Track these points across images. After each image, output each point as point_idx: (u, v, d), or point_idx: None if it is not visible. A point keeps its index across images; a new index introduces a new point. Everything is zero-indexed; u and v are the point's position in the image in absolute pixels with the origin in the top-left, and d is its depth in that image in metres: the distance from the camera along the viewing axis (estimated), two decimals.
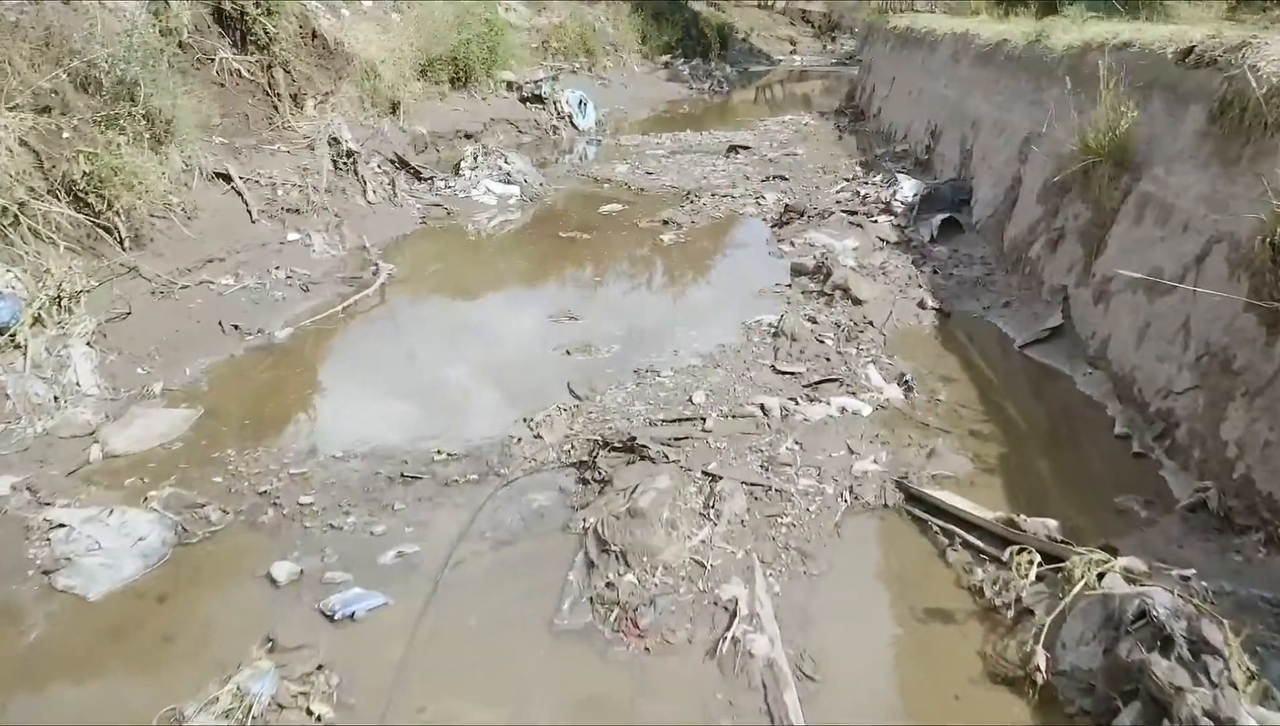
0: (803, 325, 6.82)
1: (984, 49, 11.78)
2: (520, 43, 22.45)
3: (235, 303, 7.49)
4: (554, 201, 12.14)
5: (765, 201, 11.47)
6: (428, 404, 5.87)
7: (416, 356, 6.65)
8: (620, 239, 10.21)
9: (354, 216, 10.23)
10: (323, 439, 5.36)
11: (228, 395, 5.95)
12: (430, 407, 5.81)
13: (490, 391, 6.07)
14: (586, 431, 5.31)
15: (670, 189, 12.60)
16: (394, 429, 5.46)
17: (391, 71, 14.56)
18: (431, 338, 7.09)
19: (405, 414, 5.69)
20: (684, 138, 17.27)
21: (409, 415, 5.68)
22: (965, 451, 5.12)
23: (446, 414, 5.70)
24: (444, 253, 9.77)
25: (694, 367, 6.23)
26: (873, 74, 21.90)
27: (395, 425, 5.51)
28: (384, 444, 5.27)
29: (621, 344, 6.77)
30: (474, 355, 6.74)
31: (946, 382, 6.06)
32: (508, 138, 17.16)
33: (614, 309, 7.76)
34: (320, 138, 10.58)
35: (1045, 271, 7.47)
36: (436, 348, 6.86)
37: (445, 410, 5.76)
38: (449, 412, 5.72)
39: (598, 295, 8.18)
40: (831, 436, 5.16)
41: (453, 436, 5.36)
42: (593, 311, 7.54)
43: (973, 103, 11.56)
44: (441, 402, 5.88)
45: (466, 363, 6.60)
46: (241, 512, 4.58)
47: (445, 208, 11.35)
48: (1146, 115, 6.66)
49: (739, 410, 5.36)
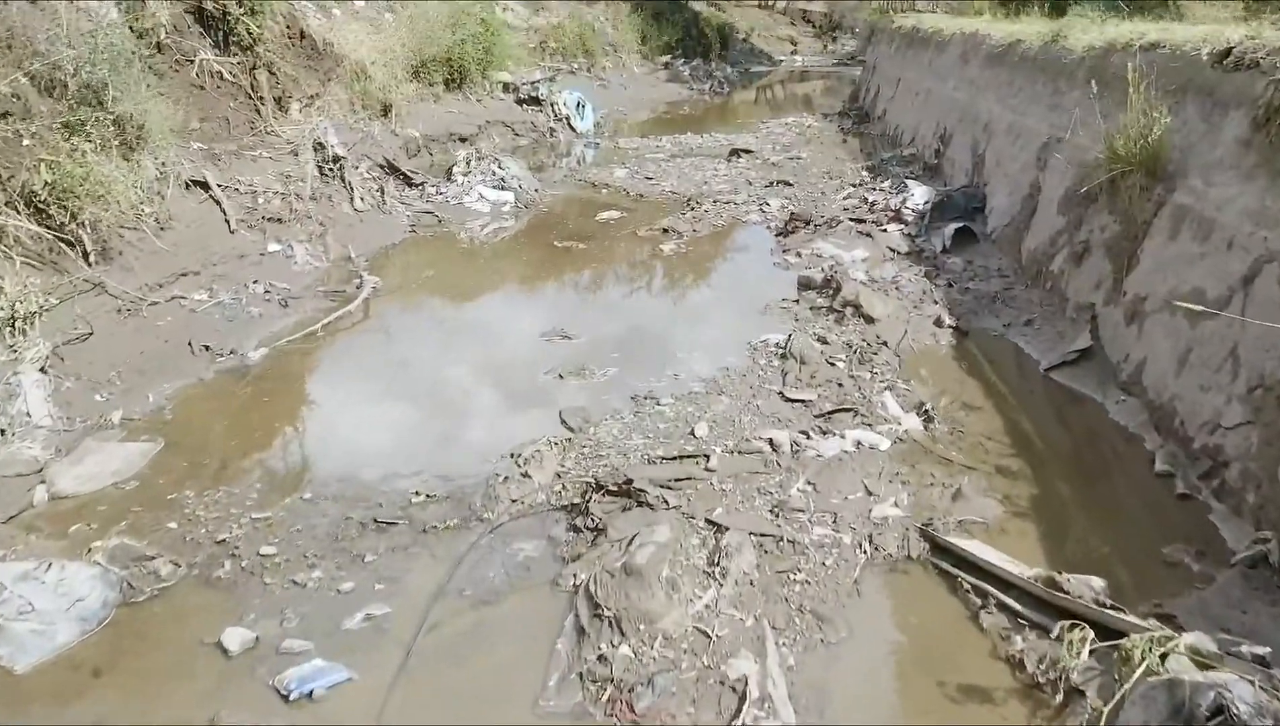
0: (812, 346, 6.37)
1: (996, 50, 11.33)
2: (518, 43, 22.00)
3: (208, 320, 7.05)
4: (550, 208, 11.69)
5: (769, 208, 11.02)
6: (408, 435, 5.42)
7: (398, 380, 6.20)
8: (618, 249, 9.76)
9: (340, 225, 9.79)
10: (291, 477, 4.91)
11: (192, 425, 5.50)
12: (410, 440, 5.36)
13: (476, 421, 5.63)
14: (579, 469, 4.86)
15: (670, 195, 12.15)
16: (369, 465, 5.01)
17: (383, 73, 14.11)
18: (415, 359, 6.64)
19: (383, 447, 5.24)
20: (684, 140, 16.82)
21: (387, 449, 5.23)
22: (993, 492, 4.67)
23: (427, 448, 5.25)
24: (433, 263, 9.32)
25: (696, 394, 5.78)
26: (877, 75, 21.45)
27: (371, 461, 5.06)
28: (357, 483, 4.83)
29: (618, 366, 6.33)
30: (460, 379, 6.30)
31: (968, 411, 5.61)
32: (504, 141, 16.72)
33: (611, 327, 7.31)
34: (305, 142, 10.13)
35: (1069, 287, 7.02)
36: (420, 370, 6.41)
37: (426, 443, 5.31)
38: (430, 446, 5.27)
39: (593, 311, 7.73)
40: (847, 475, 4.71)
41: (433, 474, 4.91)
42: (588, 329, 7.09)
43: (985, 105, 11.11)
44: (422, 434, 5.43)
45: (452, 387, 6.15)
46: (195, 565, 4.13)
47: (436, 215, 10.90)
48: (1179, 121, 6.22)
49: (745, 445, 4.91)
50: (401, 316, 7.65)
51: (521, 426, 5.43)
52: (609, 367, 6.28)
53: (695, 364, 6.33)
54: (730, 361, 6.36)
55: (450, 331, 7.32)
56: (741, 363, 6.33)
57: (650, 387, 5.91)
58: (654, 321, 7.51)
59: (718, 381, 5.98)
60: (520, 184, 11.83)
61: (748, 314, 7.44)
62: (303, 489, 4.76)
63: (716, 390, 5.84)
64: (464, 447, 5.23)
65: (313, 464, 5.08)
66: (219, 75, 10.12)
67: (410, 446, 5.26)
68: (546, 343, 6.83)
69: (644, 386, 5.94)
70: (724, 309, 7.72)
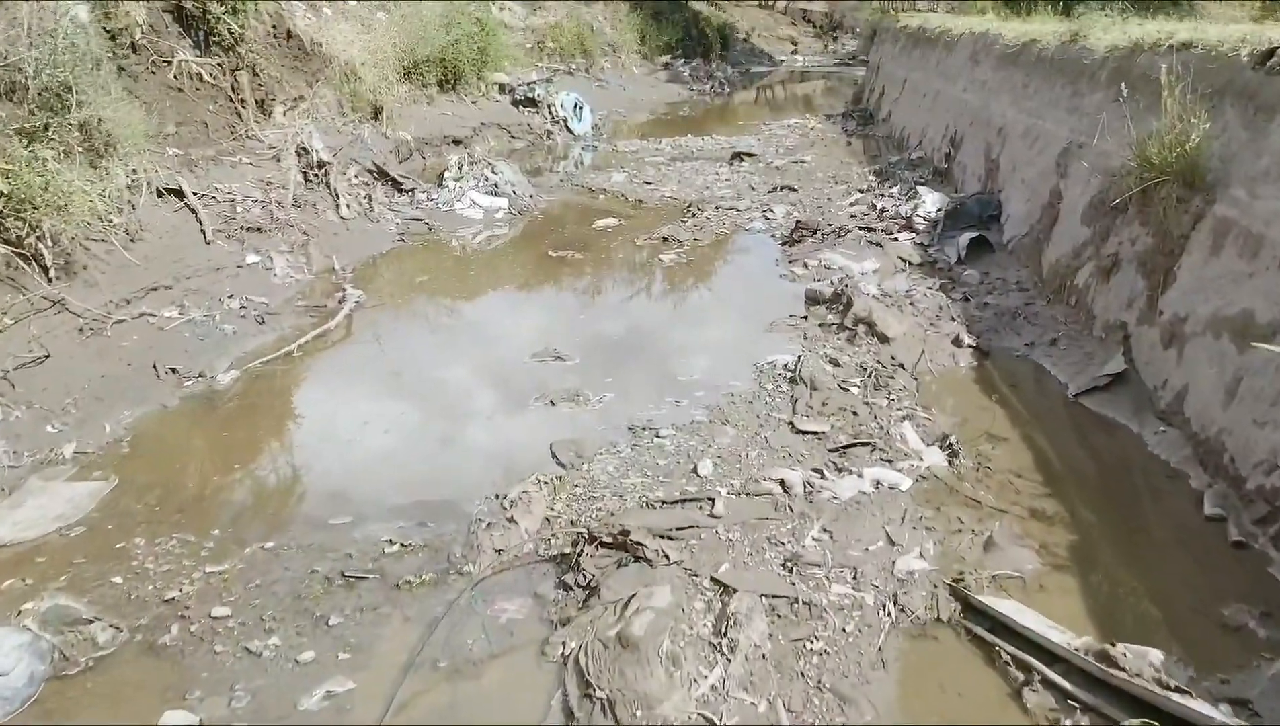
0: (823, 369, 5.93)
1: (1009, 50, 10.88)
2: (515, 43, 21.57)
3: (177, 339, 6.60)
4: (545, 214, 11.24)
5: (774, 215, 10.57)
6: (384, 473, 4.96)
7: (377, 408, 5.74)
8: (616, 259, 9.32)
9: (324, 234, 9.34)
10: (254, 522, 4.46)
11: (151, 460, 5.05)
12: (387, 477, 4.91)
13: (459, 455, 5.18)
14: (570, 512, 4.41)
15: (670, 200, 11.71)
16: (340, 506, 4.57)
17: (373, 74, 13.67)
18: (397, 383, 6.19)
19: (356, 486, 4.79)
20: (684, 143, 16.37)
21: (360, 488, 4.78)
22: (1028, 539, 4.22)
23: (405, 487, 4.79)
24: (421, 275, 8.87)
25: (698, 424, 5.33)
26: (881, 75, 21.00)
27: (342, 502, 4.62)
28: (326, 528, 4.38)
29: (614, 391, 5.88)
30: (444, 406, 5.85)
31: (994, 443, 5.16)
32: (499, 143, 16.27)
33: (607, 346, 6.86)
34: (288, 147, 9.68)
35: (1097, 304, 6.57)
36: (402, 396, 5.95)
37: (404, 481, 4.85)
38: (408, 485, 4.81)
39: (588, 329, 7.27)
40: (867, 521, 4.26)
41: (410, 517, 4.46)
42: (582, 349, 6.64)
43: (998, 108, 10.66)
44: (401, 471, 4.98)
45: (435, 416, 5.70)
46: (139, 630, 3.68)
47: (426, 222, 10.45)
48: (1218, 127, 5.77)
49: (754, 487, 4.46)
50: (384, 335, 7.20)
51: (509, 461, 4.98)
52: (604, 393, 5.83)
53: (697, 388, 5.89)
54: (735, 385, 5.92)
55: (436, 351, 6.87)
56: (747, 387, 5.88)
57: (649, 416, 5.47)
58: (653, 340, 7.06)
59: (722, 409, 5.53)
60: (514, 189, 11.39)
61: (753, 331, 6.99)
62: (266, 535, 4.31)
63: (721, 419, 5.39)
64: (445, 486, 4.77)
65: (278, 506, 4.63)
66: (198, 77, 9.67)
67: (386, 485, 4.81)
68: (538, 364, 6.38)
69: (642, 415, 5.49)
70: (727, 326, 7.27)
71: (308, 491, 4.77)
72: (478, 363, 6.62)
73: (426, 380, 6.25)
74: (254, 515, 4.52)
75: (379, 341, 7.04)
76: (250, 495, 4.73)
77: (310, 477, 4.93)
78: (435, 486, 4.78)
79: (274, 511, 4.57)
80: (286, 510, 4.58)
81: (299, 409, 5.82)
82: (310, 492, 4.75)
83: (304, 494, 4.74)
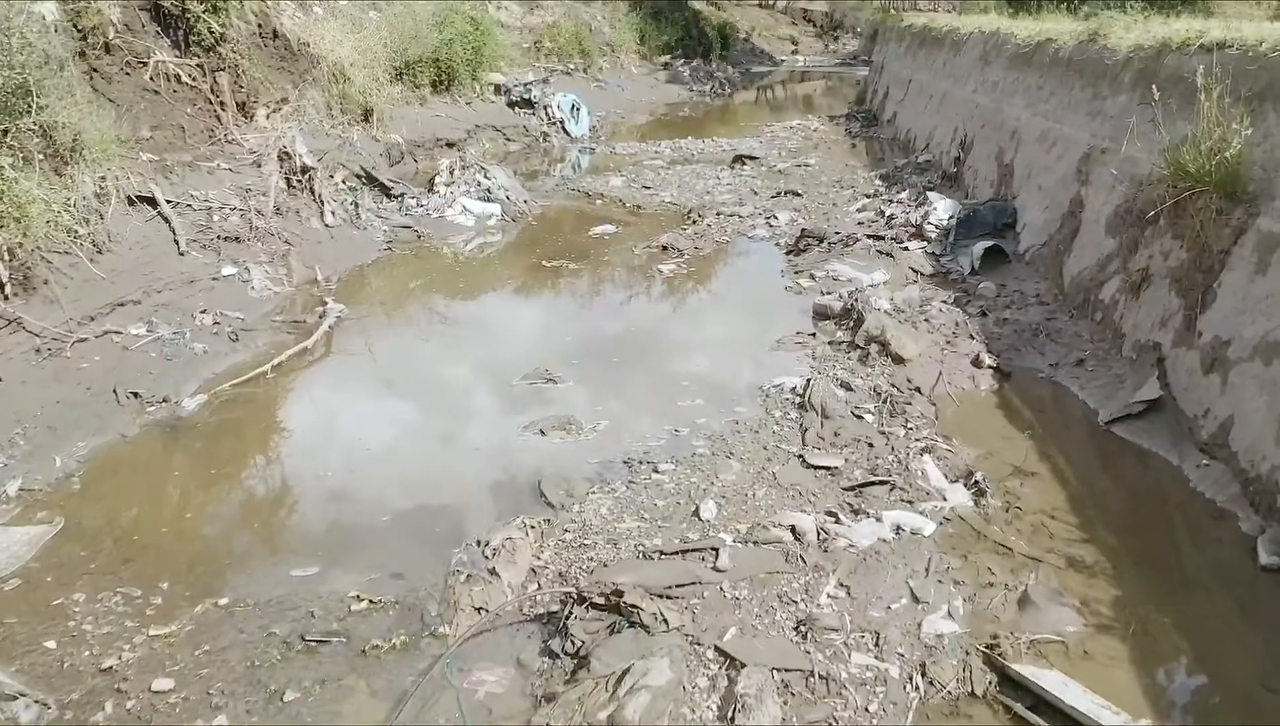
0: (834, 395, 5.50)
1: (1022, 50, 10.45)
2: (511, 43, 21.16)
3: (142, 360, 6.18)
4: (539, 221, 10.82)
5: (777, 222, 10.15)
6: (356, 514, 4.54)
7: (352, 440, 5.31)
8: (612, 270, 8.89)
9: (307, 243, 8.91)
10: (207, 574, 4.03)
11: (101, 499, 4.62)
12: (358, 519, 4.48)
13: (439, 493, 4.74)
14: (559, 562, 3.99)
15: (670, 206, 11.28)
16: (305, 554, 4.14)
17: (363, 74, 13.23)
18: (375, 410, 5.77)
19: (324, 530, 4.37)
20: (684, 146, 15.94)
21: (328, 532, 4.36)
22: (1067, 594, 3.79)
23: (378, 530, 4.36)
24: (407, 287, 8.45)
25: (700, 457, 4.91)
26: (885, 76, 20.58)
27: (308, 549, 4.19)
28: (288, 581, 3.95)
29: (610, 418, 5.46)
30: (425, 437, 5.42)
31: (1023, 478, 4.73)
32: (494, 146, 15.84)
33: (602, 367, 6.44)
34: (270, 152, 9.25)
35: (1126, 321, 6.15)
36: (379, 425, 5.51)
37: (378, 524, 4.42)
38: (381, 529, 4.38)
39: (583, 347, 6.84)
40: (888, 574, 3.83)
41: (382, 567, 4.04)
42: (576, 370, 6.22)
43: (1011, 110, 10.24)
44: (374, 512, 4.54)
45: (415, 448, 5.27)
46: (69, 706, 3.26)
47: (415, 230, 10.02)
48: (1260, 134, 5.34)
49: (762, 534, 4.04)
50: (365, 354, 6.77)
51: (493, 500, 4.57)
52: (599, 420, 5.41)
53: (699, 415, 5.46)
54: (740, 412, 5.49)
55: (419, 373, 6.44)
56: (753, 414, 5.46)
57: (646, 447, 5.04)
58: (651, 360, 6.63)
59: (726, 439, 5.11)
60: (508, 195, 10.96)
61: (758, 350, 6.56)
62: (220, 589, 3.88)
63: (725, 451, 4.96)
64: (422, 530, 4.35)
65: (237, 554, 4.20)
66: (176, 78, 9.25)
67: (358, 528, 4.38)
68: (529, 387, 5.95)
69: (639, 446, 5.07)
70: (731, 344, 6.83)
71: (270, 536, 4.34)
72: (464, 385, 6.20)
73: (407, 406, 5.83)
74: (209, 565, 4.09)
75: (358, 362, 6.62)
76: (207, 541, 4.30)
77: (274, 520, 4.50)
78: (411, 530, 4.36)
79: (232, 560, 4.14)
80: (246, 559, 4.15)
81: (267, 440, 5.40)
82: (273, 538, 4.33)
83: (266, 539, 4.31)
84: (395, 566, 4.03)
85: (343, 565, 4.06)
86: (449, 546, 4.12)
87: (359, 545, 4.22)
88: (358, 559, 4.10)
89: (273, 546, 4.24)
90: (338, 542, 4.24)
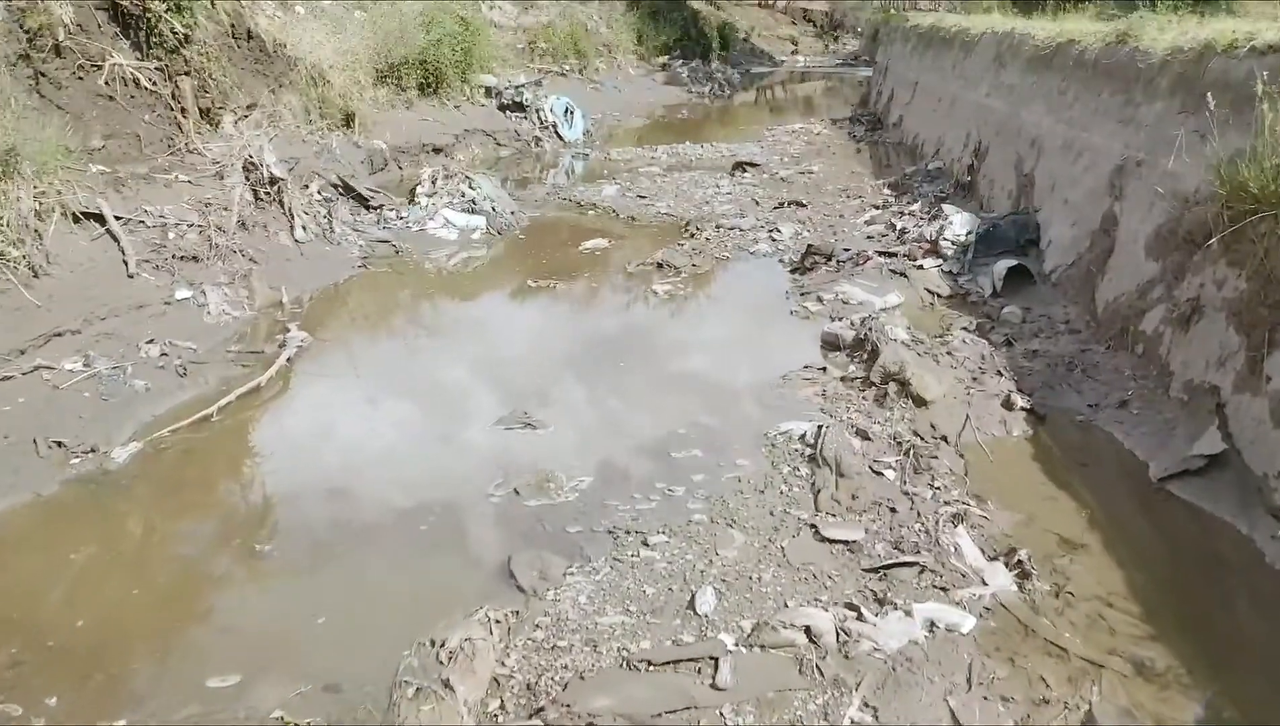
0: (850, 446, 4.84)
1: (1042, 52, 9.79)
2: (505, 43, 20.52)
3: (73, 401, 5.51)
4: (527, 234, 10.16)
5: (781, 236, 9.49)
6: (290, 603, 3.88)
7: (299, 500, 4.66)
8: (604, 290, 8.24)
9: (274, 261, 8.24)
10: (104, 684, 3.36)
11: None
12: (293, 611, 3.82)
13: (392, 576, 4.05)
14: (527, 670, 3.33)
15: (666, 217, 10.62)
16: (226, 658, 3.47)
17: (343, 77, 12.58)
18: (329, 463, 5.10)
19: (251, 626, 3.71)
20: (682, 151, 15.28)
21: (257, 628, 3.69)
22: (1139, 712, 3.14)
23: (315, 627, 3.69)
24: (380, 310, 7.80)
25: (696, 526, 4.24)
26: (890, 78, 19.92)
27: (230, 650, 3.52)
28: (201, 694, 3.28)
29: (594, 474, 4.80)
30: (380, 501, 4.67)
31: (1071, 553, 4.08)
32: (484, 151, 15.21)
33: (588, 407, 5.79)
34: (234, 162, 8.59)
35: (1174, 358, 5.49)
36: (329, 485, 4.83)
37: (315, 618, 3.74)
38: (320, 624, 3.71)
39: (568, 383, 6.19)
40: (922, 689, 3.18)
41: (315, 675, 3.36)
42: (559, 412, 5.57)
43: (1030, 117, 9.58)
44: (313, 601, 3.87)
45: (368, 513, 4.56)
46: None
47: (394, 244, 9.36)
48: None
49: (770, 636, 3.38)
50: (325, 391, 6.12)
51: (455, 584, 3.91)
52: (581, 476, 4.75)
53: (695, 470, 4.81)
54: (742, 465, 4.83)
55: (383, 415, 5.77)
56: (757, 469, 4.80)
57: (635, 512, 4.38)
58: (643, 399, 5.96)
59: (726, 502, 4.45)
60: (494, 206, 10.29)
61: (762, 387, 5.90)
62: (116, 708, 3.22)
63: (725, 518, 4.30)
64: (368, 624, 3.68)
65: (144, 657, 3.53)
66: (134, 82, 8.58)
67: (291, 623, 3.72)
68: (504, 434, 5.29)
69: (626, 510, 4.41)
70: (731, 381, 6.15)
71: (188, 633, 3.68)
72: (433, 432, 5.54)
73: (365, 459, 5.14)
74: (108, 673, 3.42)
75: (316, 402, 5.96)
76: (110, 640, 3.62)
77: (194, 612, 3.83)
78: (356, 624, 3.69)
79: (139, 665, 3.47)
80: (156, 663, 3.49)
81: (198, 502, 4.72)
82: (191, 635, 3.66)
83: (183, 637, 3.65)
84: (331, 674, 3.36)
85: (270, 672, 3.39)
86: (398, 647, 3.46)
87: (291, 645, 3.56)
88: (288, 664, 3.43)
89: (189, 647, 3.57)
90: (266, 641, 3.58)
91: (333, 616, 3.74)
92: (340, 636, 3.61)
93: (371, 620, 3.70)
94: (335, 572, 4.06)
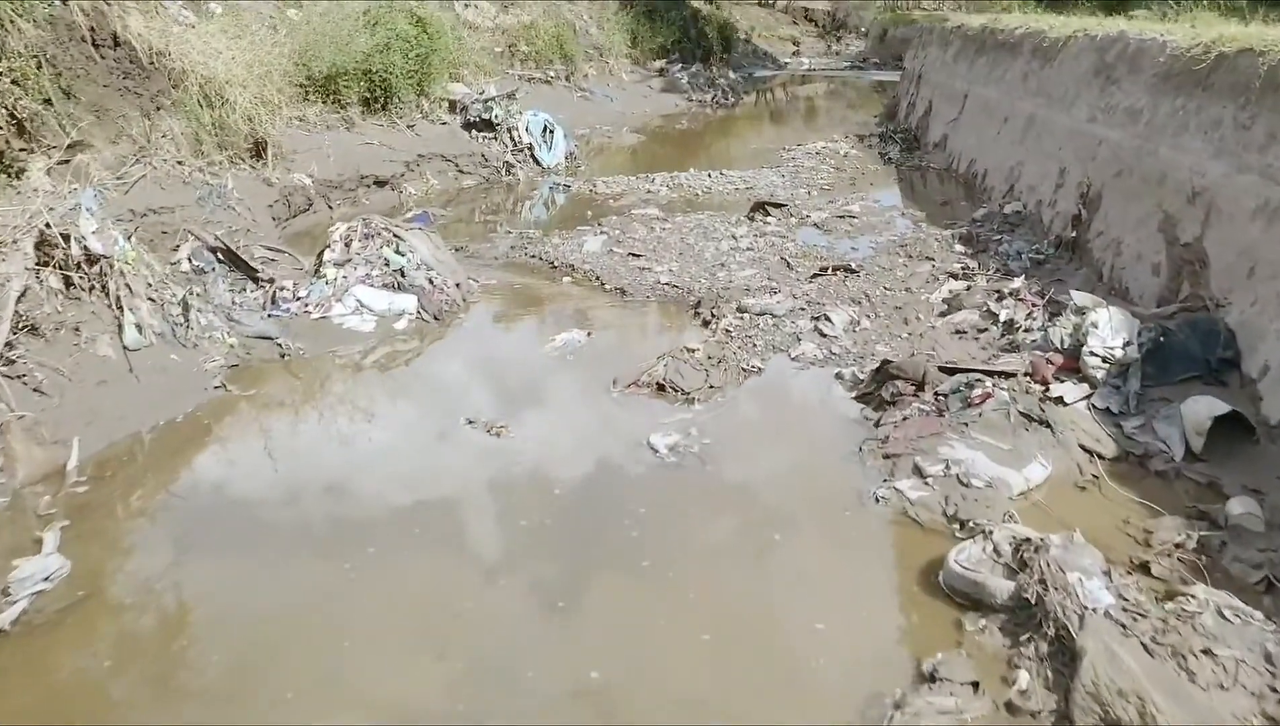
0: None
1: (1192, 65, 6.96)
2: (481, 46, 17.67)
3: None
4: (474, 321, 7.33)
5: (832, 328, 6.66)
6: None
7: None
8: (578, 440, 5.37)
9: (79, 387, 5.42)
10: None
11: None
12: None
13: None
14: None
15: (668, 290, 7.78)
16: None
17: (249, 95, 9.72)
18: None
19: None
20: (686, 182, 12.43)
21: None
22: None
23: None
24: (226, 477, 4.97)
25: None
26: (925, 87, 17.11)
27: None
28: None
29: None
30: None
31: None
32: (442, 181, 12.40)
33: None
34: (25, 234, 5.74)
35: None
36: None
37: None
38: None
39: (516, 662, 3.35)
40: None
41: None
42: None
43: (1182, 157, 6.75)
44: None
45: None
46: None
47: (280, 342, 6.52)
48: None
49: None
50: (73, 696, 3.27)
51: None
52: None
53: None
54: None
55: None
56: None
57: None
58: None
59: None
60: (431, 277, 7.44)
61: (841, 706, 3.06)
62: None
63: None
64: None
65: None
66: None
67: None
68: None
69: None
70: (791, 697, 3.30)
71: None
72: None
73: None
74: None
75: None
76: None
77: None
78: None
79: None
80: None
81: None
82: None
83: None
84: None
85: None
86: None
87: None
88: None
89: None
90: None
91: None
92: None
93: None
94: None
